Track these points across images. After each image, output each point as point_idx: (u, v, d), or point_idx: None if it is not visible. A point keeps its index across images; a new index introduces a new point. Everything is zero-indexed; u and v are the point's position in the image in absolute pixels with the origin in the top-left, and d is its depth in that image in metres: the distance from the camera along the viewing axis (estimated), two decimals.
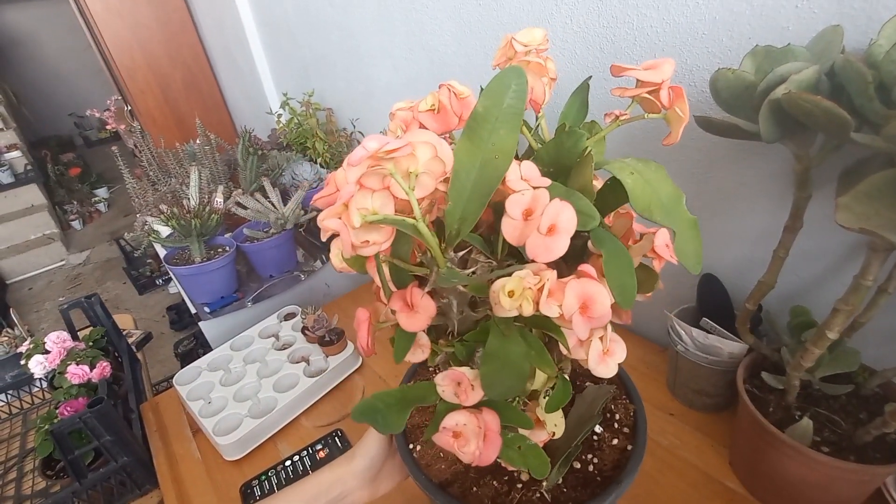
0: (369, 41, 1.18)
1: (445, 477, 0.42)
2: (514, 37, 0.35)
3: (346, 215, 0.25)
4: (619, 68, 0.32)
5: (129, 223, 3.90)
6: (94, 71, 4.44)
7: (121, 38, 2.20)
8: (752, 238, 0.65)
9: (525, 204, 0.25)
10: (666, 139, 0.34)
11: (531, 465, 0.33)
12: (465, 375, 0.31)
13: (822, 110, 0.35)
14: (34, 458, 0.82)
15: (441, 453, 0.44)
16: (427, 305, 0.28)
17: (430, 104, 0.34)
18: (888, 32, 0.35)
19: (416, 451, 0.44)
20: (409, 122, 0.34)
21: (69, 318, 0.94)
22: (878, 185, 0.33)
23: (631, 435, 0.43)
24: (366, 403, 0.34)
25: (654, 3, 0.62)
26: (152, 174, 1.37)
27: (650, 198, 0.28)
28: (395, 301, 0.29)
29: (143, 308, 2.79)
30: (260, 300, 1.10)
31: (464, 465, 0.42)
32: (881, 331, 0.55)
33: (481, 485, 0.41)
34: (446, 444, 0.32)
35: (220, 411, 0.78)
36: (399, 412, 0.33)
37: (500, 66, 0.36)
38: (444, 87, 0.34)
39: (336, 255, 0.31)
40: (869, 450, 0.48)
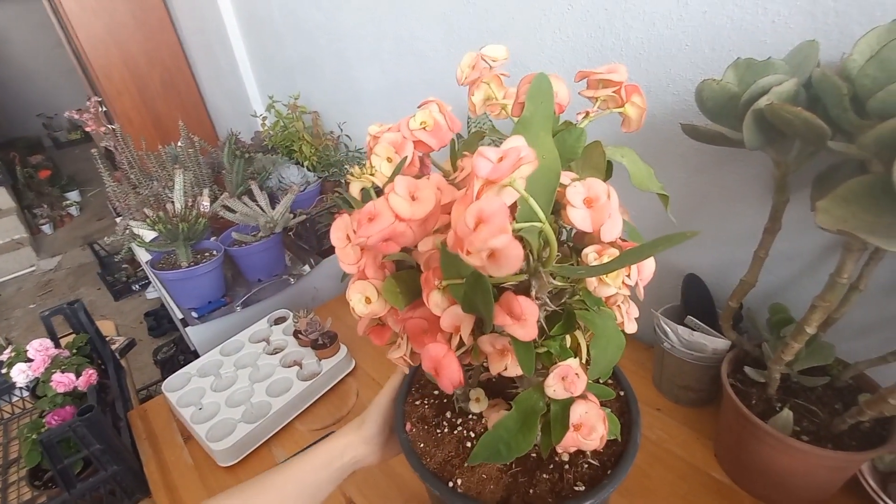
0: (357, 45, 1.19)
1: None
2: (483, 52, 0.37)
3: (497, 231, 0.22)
4: (584, 73, 0.36)
5: (103, 227, 3.79)
6: (64, 70, 4.31)
7: (96, 37, 2.14)
8: (733, 240, 0.68)
9: (584, 193, 0.27)
10: (626, 127, 0.37)
11: (615, 431, 0.35)
12: (570, 367, 0.31)
13: (802, 120, 0.38)
14: (18, 468, 0.80)
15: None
16: (532, 310, 0.28)
17: (420, 122, 0.35)
18: (861, 48, 0.38)
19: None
20: (400, 143, 0.34)
21: (51, 324, 0.92)
22: (854, 189, 0.36)
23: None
24: (488, 442, 0.32)
25: (639, 15, 0.65)
26: (133, 177, 1.34)
27: (641, 174, 0.33)
28: (499, 317, 0.27)
29: (120, 314, 2.71)
30: (249, 304, 1.09)
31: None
32: (853, 326, 0.59)
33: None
34: (572, 442, 0.32)
35: (213, 417, 0.77)
36: (527, 433, 0.32)
37: (470, 81, 0.37)
38: (433, 103, 0.35)
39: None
40: (845, 438, 0.51)
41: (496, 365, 0.31)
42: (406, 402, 0.49)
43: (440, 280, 0.29)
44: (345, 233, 0.31)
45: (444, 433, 0.45)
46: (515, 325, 0.27)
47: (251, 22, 1.63)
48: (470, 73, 0.36)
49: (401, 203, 0.26)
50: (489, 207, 0.21)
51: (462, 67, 0.37)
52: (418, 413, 0.48)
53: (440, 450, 0.44)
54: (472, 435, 0.45)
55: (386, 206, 0.26)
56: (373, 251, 0.31)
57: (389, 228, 0.26)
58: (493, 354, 0.31)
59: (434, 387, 0.50)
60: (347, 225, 0.31)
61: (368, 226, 0.26)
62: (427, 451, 0.44)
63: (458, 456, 0.43)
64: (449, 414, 0.47)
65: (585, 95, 0.36)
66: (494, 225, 0.21)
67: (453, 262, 0.27)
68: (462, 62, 0.37)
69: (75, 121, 1.37)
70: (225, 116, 2.34)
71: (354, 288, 0.32)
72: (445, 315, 0.29)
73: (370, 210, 0.27)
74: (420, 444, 0.44)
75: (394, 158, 0.33)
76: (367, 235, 0.26)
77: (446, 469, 0.42)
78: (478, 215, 0.22)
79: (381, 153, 0.34)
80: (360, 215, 0.27)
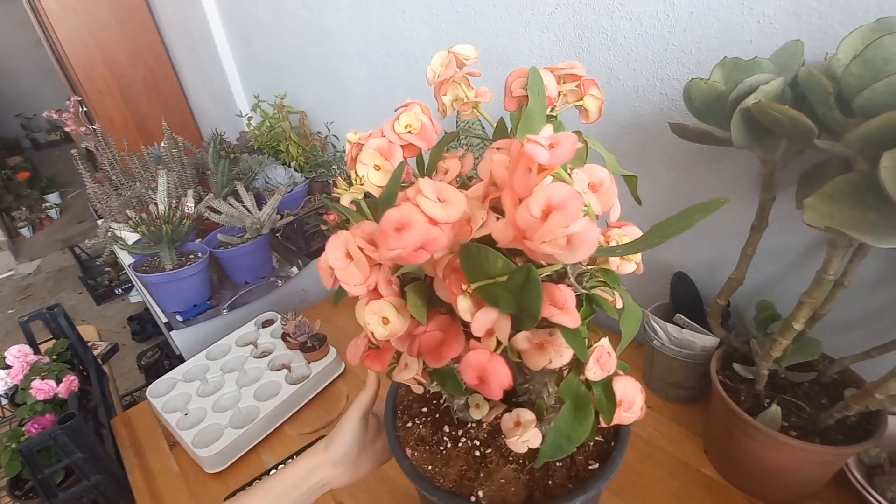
0: (344, 44, 1.18)
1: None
2: (455, 51, 0.37)
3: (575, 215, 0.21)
4: (548, 69, 0.36)
5: (84, 230, 3.71)
6: (43, 70, 4.21)
7: (76, 36, 2.10)
8: (720, 238, 0.69)
9: (587, 178, 0.27)
10: (585, 118, 0.37)
11: None
12: (603, 348, 0.32)
13: (789, 118, 0.38)
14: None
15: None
16: (571, 296, 0.28)
17: (405, 125, 0.33)
18: (846, 48, 0.38)
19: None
20: (388, 149, 0.33)
21: (29, 330, 0.89)
22: (840, 187, 0.36)
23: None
24: (551, 440, 0.32)
25: (627, 15, 0.65)
26: (115, 178, 1.31)
27: (611, 160, 0.34)
28: (546, 308, 0.27)
29: (102, 319, 2.65)
30: (235, 307, 1.08)
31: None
32: (837, 322, 0.60)
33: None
34: (617, 419, 0.33)
35: (199, 423, 0.75)
36: (583, 420, 0.32)
37: (443, 80, 0.36)
38: (415, 105, 0.35)
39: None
40: (832, 432, 0.52)
41: (537, 360, 0.29)
42: (396, 427, 0.46)
43: (467, 284, 0.27)
44: (344, 251, 0.28)
45: (448, 449, 0.43)
46: (561, 315, 0.27)
47: (236, 21, 1.61)
48: (444, 71, 0.35)
49: (434, 206, 0.25)
50: (560, 194, 0.21)
51: (433, 67, 0.36)
52: (414, 435, 0.45)
53: (451, 467, 0.42)
54: (476, 443, 0.43)
55: (417, 211, 0.24)
56: (383, 266, 0.29)
57: (425, 236, 0.24)
58: (530, 351, 0.30)
59: (422, 405, 0.48)
60: (348, 241, 0.28)
61: (400, 236, 0.24)
62: (437, 471, 0.41)
63: (472, 468, 0.41)
64: (447, 428, 0.45)
65: (566, 89, 0.37)
66: (570, 211, 0.21)
67: (479, 263, 0.26)
68: (433, 62, 0.36)
69: (55, 121, 1.34)
70: (209, 116, 2.31)
71: (370, 309, 0.29)
72: (477, 319, 0.28)
73: (397, 219, 0.24)
74: (427, 466, 0.42)
75: (382, 166, 0.32)
76: (401, 247, 0.24)
77: (463, 485, 0.40)
78: (546, 203, 0.21)
79: (367, 161, 0.32)
80: (386, 225, 0.24)
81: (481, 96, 0.38)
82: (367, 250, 0.28)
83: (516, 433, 0.36)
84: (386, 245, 0.24)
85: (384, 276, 0.29)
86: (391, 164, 0.32)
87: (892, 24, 0.37)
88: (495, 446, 0.43)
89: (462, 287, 0.27)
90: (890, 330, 0.57)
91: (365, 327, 0.29)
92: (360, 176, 0.31)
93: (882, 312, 0.58)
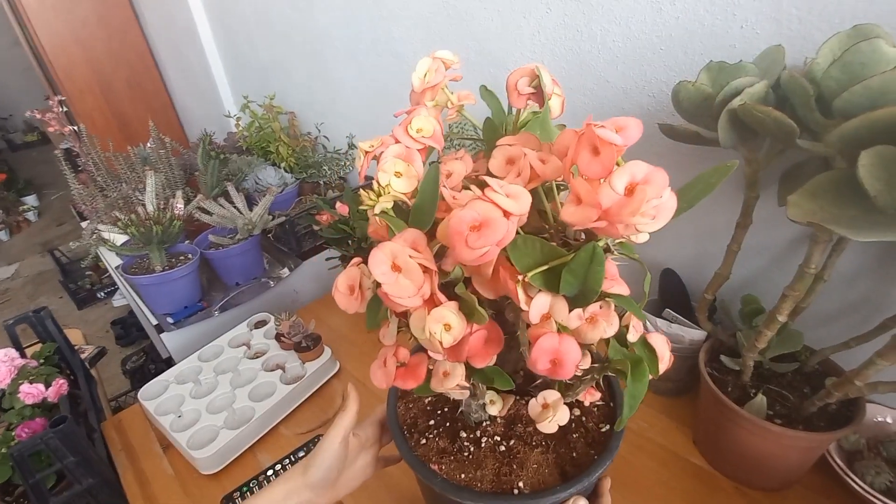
0: (335, 45, 1.18)
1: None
2: (441, 56, 0.37)
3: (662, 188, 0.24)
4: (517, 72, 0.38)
5: (64, 233, 3.62)
6: (20, 70, 4.10)
7: (57, 35, 2.06)
8: (706, 235, 0.71)
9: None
10: (551, 115, 0.38)
11: None
12: (630, 315, 0.33)
13: (773, 119, 0.40)
14: None
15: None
16: (615, 267, 0.30)
17: (417, 129, 0.33)
18: (825, 53, 0.40)
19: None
20: (407, 154, 0.33)
21: (15, 334, 0.87)
22: (822, 184, 0.38)
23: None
24: (628, 405, 0.33)
25: (616, 19, 0.67)
26: (100, 179, 1.29)
27: None
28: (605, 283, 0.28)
29: (84, 324, 2.59)
30: (227, 309, 1.07)
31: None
32: (818, 314, 0.62)
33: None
34: None
35: (193, 424, 0.75)
36: (641, 378, 0.33)
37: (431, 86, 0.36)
38: (422, 108, 0.35)
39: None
40: (814, 419, 0.54)
41: (592, 334, 0.30)
42: (412, 448, 0.43)
43: (522, 274, 0.27)
44: (390, 263, 0.27)
45: (473, 452, 0.43)
46: (616, 285, 0.28)
47: (223, 21, 1.60)
48: (434, 76, 0.36)
49: (508, 201, 0.24)
50: (642, 170, 0.23)
51: (419, 74, 0.36)
52: (434, 450, 0.43)
53: (483, 469, 0.41)
54: (497, 439, 0.43)
55: (493, 208, 0.24)
56: (433, 273, 0.28)
57: (506, 231, 0.24)
58: (583, 327, 0.30)
59: (427, 419, 0.46)
60: (396, 252, 0.27)
61: (481, 235, 0.24)
62: (472, 477, 0.41)
63: (503, 463, 0.41)
64: (463, 434, 0.44)
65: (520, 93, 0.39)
66: (658, 183, 0.23)
67: (527, 253, 0.27)
68: (419, 68, 0.36)
69: (36, 121, 1.31)
70: (195, 117, 2.28)
71: (433, 318, 0.28)
72: (534, 306, 0.28)
73: (473, 218, 0.24)
74: (459, 475, 0.41)
75: (404, 172, 0.31)
76: (485, 244, 0.24)
77: (502, 481, 0.40)
78: (630, 180, 0.23)
79: (389, 169, 0.31)
80: (460, 226, 0.24)
81: (465, 99, 0.39)
82: (419, 258, 0.27)
83: (547, 415, 0.36)
84: (465, 245, 0.24)
85: (437, 282, 0.28)
86: (414, 169, 0.31)
87: (868, 30, 0.39)
88: (516, 437, 0.43)
89: (519, 277, 0.28)
90: (866, 321, 0.60)
91: (430, 338, 0.28)
92: (383, 185, 0.30)
93: (858, 305, 0.61)
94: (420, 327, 0.28)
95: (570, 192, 0.26)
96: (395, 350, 0.35)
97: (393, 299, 0.27)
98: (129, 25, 2.24)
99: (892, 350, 0.43)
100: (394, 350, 0.35)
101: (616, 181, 0.23)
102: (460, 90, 0.40)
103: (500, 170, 0.31)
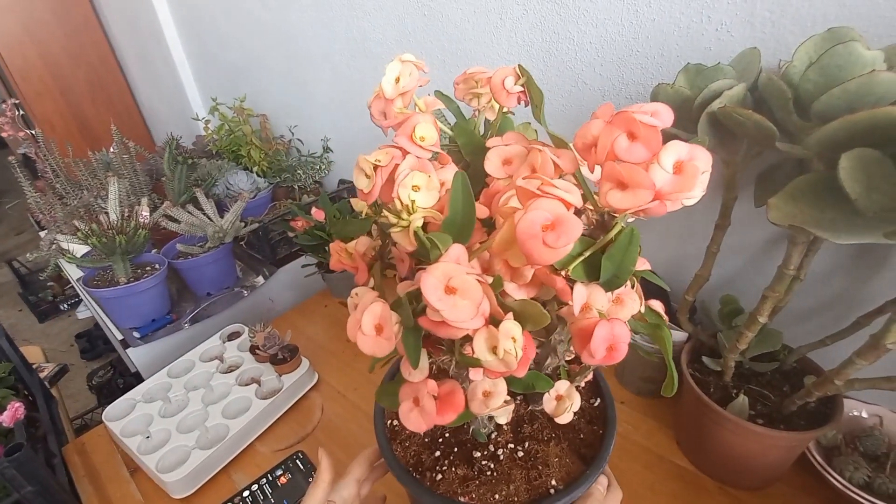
0: (308, 46, 1.15)
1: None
2: (410, 59, 0.36)
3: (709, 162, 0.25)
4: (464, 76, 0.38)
5: (23, 242, 3.45)
6: None
7: (11, 35, 1.95)
8: (685, 237, 0.72)
9: None
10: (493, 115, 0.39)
11: None
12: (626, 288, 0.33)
13: (753, 122, 0.40)
14: None
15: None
16: None
17: (420, 136, 0.31)
18: (800, 55, 0.40)
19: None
20: (422, 165, 0.31)
21: None
22: (801, 187, 0.38)
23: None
24: (669, 375, 0.33)
25: (592, 21, 0.66)
26: (59, 187, 1.22)
27: None
28: None
29: (46, 337, 2.47)
30: (198, 321, 1.02)
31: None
32: (794, 313, 0.63)
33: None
34: None
35: (163, 445, 0.71)
36: (666, 340, 0.33)
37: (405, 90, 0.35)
38: (423, 115, 0.33)
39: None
40: (794, 418, 0.55)
41: (624, 313, 0.31)
42: (432, 489, 0.40)
43: (563, 269, 0.27)
44: (444, 286, 0.25)
45: (495, 469, 0.41)
46: (641, 263, 0.29)
47: (189, 20, 1.54)
48: (408, 81, 0.34)
49: (571, 195, 0.25)
50: (684, 149, 0.25)
51: (390, 79, 0.34)
52: (455, 481, 0.41)
53: (514, 481, 0.40)
54: (512, 447, 0.42)
55: (559, 204, 0.24)
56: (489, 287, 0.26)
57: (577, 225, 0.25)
58: (611, 309, 0.30)
59: (429, 452, 0.44)
60: (450, 273, 0.25)
61: (562, 233, 0.23)
62: (506, 494, 0.39)
63: (529, 468, 0.40)
64: (477, 454, 0.42)
65: (474, 93, 0.38)
66: (702, 158, 0.25)
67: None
68: (389, 73, 0.34)
69: None
70: (161, 120, 2.20)
71: (504, 333, 0.26)
72: (577, 296, 0.28)
73: (546, 218, 0.24)
74: (493, 496, 0.39)
75: (423, 185, 0.29)
76: (565, 244, 0.23)
77: (535, 487, 0.39)
78: (677, 158, 0.25)
79: (408, 184, 0.29)
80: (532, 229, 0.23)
81: (434, 105, 0.37)
82: (475, 274, 0.25)
83: (565, 406, 0.35)
84: (545, 245, 0.23)
85: (492, 296, 0.26)
86: (433, 181, 0.29)
87: (842, 33, 0.39)
88: (528, 438, 0.43)
89: (562, 273, 0.28)
90: (841, 319, 0.61)
91: (505, 356, 0.26)
92: (406, 204, 0.28)
93: (833, 303, 0.62)
94: (489, 348, 0.26)
95: (604, 179, 0.26)
96: (426, 384, 0.31)
97: (453, 325, 0.25)
98: (89, 24, 2.15)
99: (870, 350, 0.43)
100: (425, 385, 0.31)
101: (665, 161, 0.25)
102: (425, 96, 0.38)
103: (497, 170, 0.30)
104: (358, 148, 1.22)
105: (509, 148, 0.31)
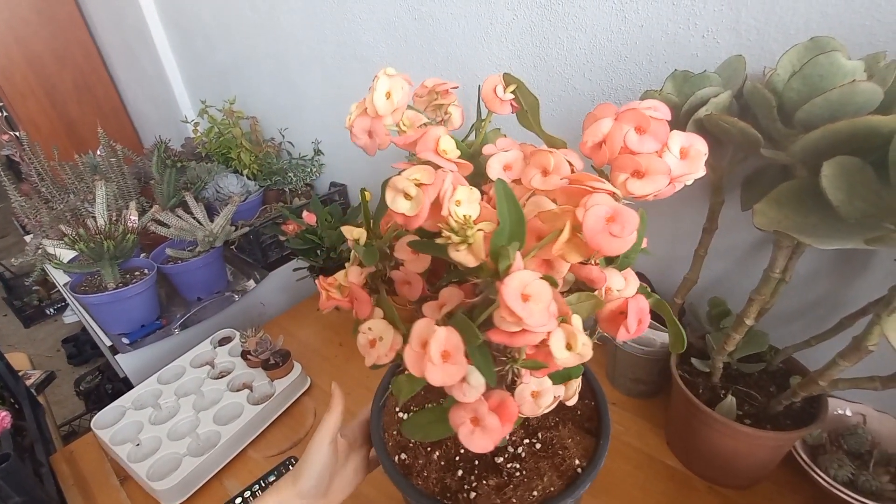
0: (298, 48, 1.14)
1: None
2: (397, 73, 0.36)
3: None
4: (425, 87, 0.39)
5: (7, 246, 3.39)
6: None
7: None
8: (673, 239, 0.73)
9: None
10: (452, 126, 0.40)
11: None
12: None
13: (739, 129, 0.41)
14: None
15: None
16: None
17: (443, 150, 0.31)
18: (784, 64, 0.41)
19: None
20: (457, 178, 0.30)
21: None
22: (785, 193, 0.39)
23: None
24: (675, 335, 0.35)
25: (582, 27, 0.67)
26: (45, 190, 1.20)
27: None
28: None
29: (32, 343, 2.43)
30: (188, 326, 1.02)
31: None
32: (780, 314, 0.65)
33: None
34: None
35: (154, 453, 0.71)
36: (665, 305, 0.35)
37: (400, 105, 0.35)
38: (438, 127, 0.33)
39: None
40: (781, 418, 0.56)
41: (631, 288, 0.32)
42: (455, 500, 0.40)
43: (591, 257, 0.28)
44: (520, 294, 0.24)
45: (523, 468, 0.41)
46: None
47: (178, 21, 1.52)
48: (400, 96, 0.34)
49: (614, 188, 0.27)
50: (684, 137, 0.29)
51: (380, 95, 0.33)
52: (491, 492, 0.40)
53: (546, 473, 0.40)
54: (528, 441, 0.44)
55: (609, 197, 0.26)
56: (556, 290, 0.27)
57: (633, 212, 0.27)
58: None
59: (453, 471, 0.42)
60: (526, 281, 0.24)
61: (624, 222, 0.25)
62: (545, 488, 0.39)
63: (553, 454, 0.41)
64: (500, 459, 0.42)
65: (436, 104, 0.39)
66: (701, 143, 0.29)
67: None
68: (380, 88, 0.33)
69: None
70: (149, 122, 2.17)
71: (577, 328, 0.27)
72: (612, 281, 0.31)
73: (606, 211, 0.25)
74: (532, 494, 0.39)
75: (465, 199, 0.28)
76: (633, 228, 0.25)
77: (565, 472, 0.40)
78: (682, 148, 0.28)
79: (453, 199, 0.28)
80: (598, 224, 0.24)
81: (418, 119, 0.37)
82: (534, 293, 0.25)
83: (573, 388, 0.36)
84: (612, 236, 0.25)
85: (559, 297, 0.27)
86: (474, 193, 0.29)
87: (824, 42, 0.40)
88: (539, 428, 0.44)
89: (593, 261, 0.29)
90: (824, 320, 0.62)
91: (582, 350, 0.26)
92: (461, 220, 0.27)
93: (817, 304, 0.63)
94: (566, 347, 0.27)
95: (617, 171, 0.28)
96: (483, 402, 0.30)
97: (533, 330, 0.25)
98: (74, 23, 2.11)
99: (852, 352, 0.44)
100: (483, 403, 0.30)
101: (674, 148, 0.28)
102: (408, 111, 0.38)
103: (500, 176, 0.31)
104: (349, 151, 1.22)
105: (508, 153, 0.32)
